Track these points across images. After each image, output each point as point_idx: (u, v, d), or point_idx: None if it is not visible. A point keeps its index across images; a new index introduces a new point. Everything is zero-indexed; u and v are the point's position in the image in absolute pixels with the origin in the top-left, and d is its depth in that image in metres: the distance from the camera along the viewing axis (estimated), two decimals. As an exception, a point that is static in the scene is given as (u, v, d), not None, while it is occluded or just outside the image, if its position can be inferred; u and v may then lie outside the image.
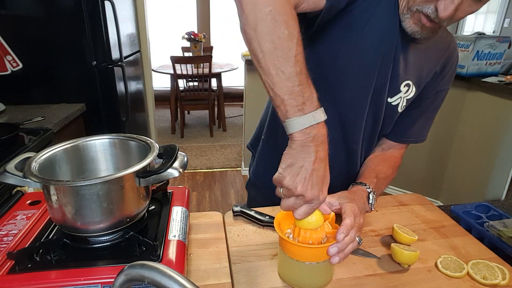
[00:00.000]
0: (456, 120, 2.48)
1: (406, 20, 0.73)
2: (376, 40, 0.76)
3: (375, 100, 0.83)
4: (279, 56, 0.54)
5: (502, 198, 2.22)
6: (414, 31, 0.74)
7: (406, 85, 0.84)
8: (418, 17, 0.71)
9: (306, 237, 0.64)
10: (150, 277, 0.32)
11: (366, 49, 0.77)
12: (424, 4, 0.69)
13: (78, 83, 2.11)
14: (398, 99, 0.85)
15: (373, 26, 0.75)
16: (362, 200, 0.77)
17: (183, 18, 5.23)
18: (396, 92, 0.84)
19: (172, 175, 0.61)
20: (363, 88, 0.81)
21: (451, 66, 0.89)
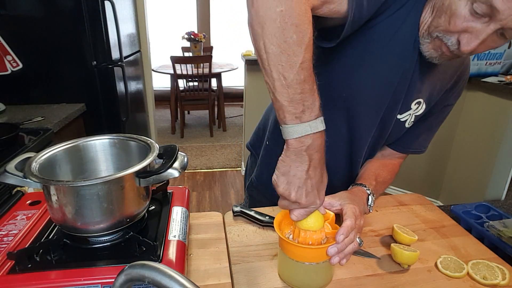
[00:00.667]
0: (456, 120, 2.48)
1: (425, 44, 0.70)
2: (395, 61, 0.73)
3: (385, 117, 0.82)
4: (283, 61, 0.52)
5: (502, 198, 2.22)
6: (432, 57, 0.71)
7: (417, 103, 0.83)
8: (439, 44, 0.68)
9: (306, 238, 0.64)
10: (150, 277, 0.32)
11: (384, 70, 0.74)
12: (446, 33, 0.65)
13: (78, 83, 2.11)
14: (407, 116, 0.84)
15: (394, 47, 0.71)
16: (362, 201, 0.77)
17: (183, 18, 5.23)
18: (407, 110, 0.83)
19: (172, 175, 0.61)
20: (376, 107, 0.79)
21: (462, 82, 0.87)
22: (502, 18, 0.58)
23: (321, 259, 0.64)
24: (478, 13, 0.60)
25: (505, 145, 2.18)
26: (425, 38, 0.70)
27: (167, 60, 3.87)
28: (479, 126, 2.35)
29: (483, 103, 2.30)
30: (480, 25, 0.61)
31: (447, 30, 0.65)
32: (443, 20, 0.65)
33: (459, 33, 0.63)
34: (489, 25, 0.60)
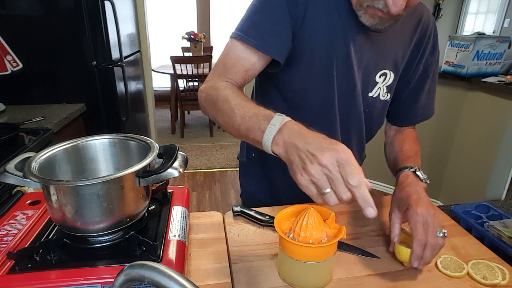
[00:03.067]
0: (456, 120, 2.48)
1: (362, 16, 0.73)
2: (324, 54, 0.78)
3: (348, 104, 0.85)
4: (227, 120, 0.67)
5: (502, 198, 2.22)
6: (374, 24, 0.73)
7: (382, 75, 0.85)
8: (373, 11, 0.70)
9: (306, 237, 0.64)
10: (150, 277, 0.32)
11: (314, 66, 0.79)
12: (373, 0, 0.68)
13: (78, 83, 2.11)
14: (378, 90, 0.86)
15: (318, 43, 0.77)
16: (416, 185, 0.76)
17: (183, 18, 5.23)
18: (374, 85, 0.85)
19: (172, 175, 0.61)
20: (325, 100, 0.83)
21: (429, 37, 0.87)
22: None
23: (321, 258, 0.64)
24: None
25: (505, 145, 2.18)
26: (359, 11, 0.73)
27: (167, 60, 3.87)
28: (479, 126, 2.35)
29: (483, 103, 2.30)
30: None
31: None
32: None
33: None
34: None
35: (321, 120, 0.86)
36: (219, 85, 0.73)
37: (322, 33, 0.77)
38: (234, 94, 0.69)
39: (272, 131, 0.57)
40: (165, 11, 5.20)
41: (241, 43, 0.74)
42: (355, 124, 0.90)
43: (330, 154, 0.50)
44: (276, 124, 0.58)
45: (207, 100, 0.73)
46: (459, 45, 2.30)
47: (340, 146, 0.51)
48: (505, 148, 2.19)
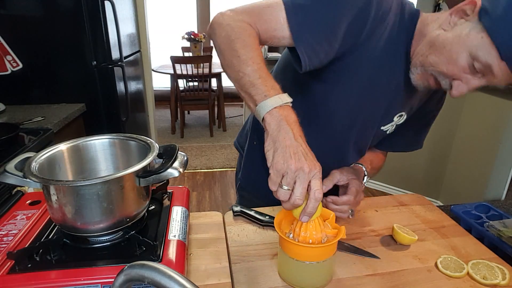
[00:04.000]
0: (456, 120, 2.48)
1: (415, 74, 0.74)
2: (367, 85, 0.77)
3: (363, 131, 0.87)
4: (238, 63, 0.64)
5: (502, 198, 2.22)
6: (418, 85, 0.75)
7: (399, 115, 0.88)
8: (428, 77, 0.72)
9: (306, 237, 0.64)
10: (150, 277, 0.32)
11: (356, 92, 0.78)
12: (440, 74, 0.69)
13: (78, 83, 2.11)
14: (389, 126, 0.89)
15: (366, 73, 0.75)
16: (361, 179, 0.87)
17: (183, 18, 5.23)
18: (389, 122, 0.88)
19: (172, 175, 0.61)
20: (350, 125, 0.85)
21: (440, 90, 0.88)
22: (494, 82, 0.64)
23: (321, 258, 0.64)
24: (475, 69, 0.64)
25: (505, 145, 2.18)
26: (416, 69, 0.73)
27: (167, 60, 3.87)
28: (479, 126, 2.35)
29: (483, 103, 2.30)
30: (473, 78, 0.66)
31: (442, 72, 0.68)
32: (440, 62, 0.68)
33: (453, 79, 0.68)
34: (481, 80, 0.66)
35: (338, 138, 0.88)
36: (247, 27, 0.68)
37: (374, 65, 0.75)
38: (255, 47, 0.66)
39: (275, 103, 0.59)
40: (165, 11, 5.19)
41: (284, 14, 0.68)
42: (360, 146, 0.93)
43: (313, 165, 0.56)
44: (283, 100, 0.60)
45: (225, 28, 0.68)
46: (459, 45, 2.29)
47: (319, 166, 0.57)
48: (505, 148, 2.19)
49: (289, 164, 0.55)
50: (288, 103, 0.61)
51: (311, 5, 0.68)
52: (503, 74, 0.62)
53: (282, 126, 0.58)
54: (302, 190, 0.56)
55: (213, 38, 0.71)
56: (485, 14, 0.62)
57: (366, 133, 0.89)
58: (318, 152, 0.61)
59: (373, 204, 0.98)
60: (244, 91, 0.64)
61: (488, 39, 0.61)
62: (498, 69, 0.61)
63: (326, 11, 0.68)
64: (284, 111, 0.59)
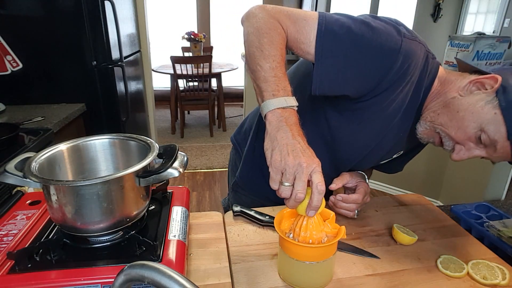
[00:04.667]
0: (456, 120, 2.48)
1: (422, 128, 0.76)
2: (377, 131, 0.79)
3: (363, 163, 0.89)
4: (259, 56, 0.67)
5: (502, 198, 2.22)
6: (422, 139, 0.78)
7: (398, 153, 0.91)
8: (434, 135, 0.75)
9: (306, 237, 0.64)
10: (150, 277, 0.32)
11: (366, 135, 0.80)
12: (446, 136, 0.72)
13: (78, 83, 2.11)
14: (387, 160, 0.92)
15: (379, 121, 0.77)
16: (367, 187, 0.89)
17: (183, 18, 5.23)
18: (388, 158, 0.91)
19: (172, 175, 0.61)
20: (353, 158, 0.87)
21: None
22: (493, 156, 0.68)
23: (321, 258, 0.64)
24: (480, 141, 0.68)
25: (505, 145, 2.18)
26: (425, 123, 0.76)
27: (167, 60, 3.87)
28: (479, 126, 2.34)
29: (483, 103, 2.30)
30: (476, 148, 0.70)
31: (450, 135, 0.71)
32: (449, 125, 0.71)
33: (456, 143, 0.71)
34: (482, 152, 0.69)
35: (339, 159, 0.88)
36: (279, 27, 0.70)
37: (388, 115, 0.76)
38: (280, 46, 0.68)
39: (280, 103, 0.62)
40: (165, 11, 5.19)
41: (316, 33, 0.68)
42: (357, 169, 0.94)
43: (311, 160, 0.57)
44: (288, 103, 0.63)
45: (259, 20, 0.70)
46: (459, 45, 2.29)
47: (318, 160, 0.59)
48: (505, 148, 2.18)
49: (287, 160, 0.56)
50: (293, 107, 0.63)
51: (344, 36, 0.68)
52: (503, 152, 0.66)
53: (281, 126, 0.60)
54: (303, 183, 0.57)
55: (245, 25, 0.73)
56: (503, 92, 0.65)
57: (365, 165, 0.92)
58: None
59: (373, 204, 0.98)
60: (257, 84, 0.67)
61: (500, 116, 0.64)
62: (501, 147, 0.65)
63: (355, 49, 0.68)
64: (286, 113, 0.62)
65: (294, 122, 0.62)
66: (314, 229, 0.64)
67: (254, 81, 0.67)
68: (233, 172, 1.11)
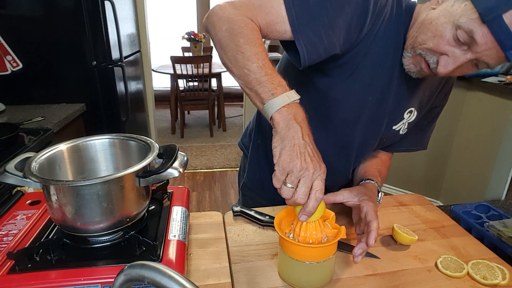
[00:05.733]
0: (456, 120, 2.48)
1: (407, 57, 0.74)
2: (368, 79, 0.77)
3: (369, 130, 0.85)
4: (242, 59, 0.62)
5: (502, 198, 2.22)
6: (410, 71, 0.75)
7: (409, 112, 0.87)
8: (419, 60, 0.72)
9: (306, 237, 0.64)
10: (150, 277, 0.32)
11: (358, 87, 0.78)
12: (428, 51, 0.69)
13: (78, 83, 2.11)
14: (401, 125, 0.88)
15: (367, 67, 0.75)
16: (375, 197, 0.81)
17: (183, 18, 5.23)
18: (400, 120, 0.87)
19: (172, 175, 0.61)
20: (353, 120, 0.83)
21: (449, 84, 0.90)
22: (478, 51, 0.63)
23: (321, 258, 0.64)
24: (460, 40, 0.64)
25: (505, 145, 2.18)
26: (408, 52, 0.74)
27: (167, 60, 3.87)
28: (479, 126, 2.35)
29: (483, 103, 2.30)
30: (459, 52, 0.65)
31: (430, 49, 0.68)
32: (427, 38, 0.68)
33: (440, 55, 0.67)
34: (467, 54, 0.65)
35: (341, 135, 0.87)
36: (248, 21, 0.66)
37: (373, 60, 0.76)
38: (259, 42, 0.64)
39: (283, 101, 0.59)
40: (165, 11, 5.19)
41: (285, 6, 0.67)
42: (365, 147, 0.91)
43: (318, 166, 0.57)
44: (291, 98, 0.60)
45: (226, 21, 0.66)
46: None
47: (324, 167, 0.58)
48: (505, 148, 2.19)
49: (295, 163, 0.56)
50: (296, 101, 0.61)
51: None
52: (486, 42, 0.61)
53: (291, 124, 0.58)
54: (305, 189, 0.56)
55: (212, 31, 0.68)
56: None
57: (373, 133, 0.87)
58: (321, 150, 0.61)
59: (373, 204, 0.98)
60: (249, 89, 0.62)
61: (470, 4, 0.62)
62: (480, 36, 0.61)
63: (326, 7, 0.66)
64: (292, 109, 0.59)
65: (302, 118, 0.60)
66: (314, 229, 0.64)
67: (246, 86, 0.63)
68: (242, 176, 1.12)
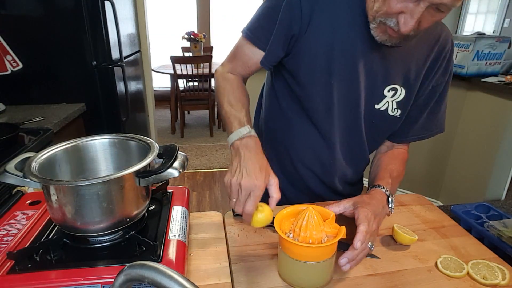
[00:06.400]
0: (456, 120, 2.48)
1: (373, 29, 0.73)
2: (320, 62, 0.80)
3: (350, 113, 0.86)
4: (219, 107, 0.84)
5: (502, 198, 2.22)
6: (383, 40, 0.74)
7: (392, 89, 0.85)
8: (384, 28, 0.71)
9: (306, 237, 0.64)
10: (150, 277, 0.32)
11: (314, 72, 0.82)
12: (386, 16, 0.68)
13: (78, 83, 2.11)
14: (386, 103, 0.86)
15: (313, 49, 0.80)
16: (381, 204, 0.77)
17: (183, 18, 5.23)
18: (381, 98, 0.85)
19: (172, 175, 0.61)
20: (326, 105, 0.85)
21: (444, 58, 0.85)
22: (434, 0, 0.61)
23: (321, 258, 0.64)
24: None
25: (505, 145, 2.18)
26: (372, 24, 0.73)
27: (167, 60, 3.87)
28: (479, 126, 2.35)
29: (483, 103, 2.30)
30: (412, 4, 0.64)
31: (385, 12, 0.67)
32: (380, 3, 0.68)
33: (397, 15, 0.66)
34: (419, 4, 0.63)
35: (322, 123, 0.88)
36: (228, 76, 0.88)
37: (324, 43, 0.78)
38: (232, 90, 0.84)
39: (236, 135, 0.74)
40: (165, 11, 5.19)
41: (248, 43, 0.84)
42: (355, 132, 0.90)
43: (250, 183, 0.66)
44: (242, 133, 0.74)
45: (216, 82, 0.90)
46: (459, 45, 2.29)
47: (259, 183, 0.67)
48: (505, 148, 2.19)
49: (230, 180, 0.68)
50: (246, 134, 0.74)
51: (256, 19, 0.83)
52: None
53: (238, 151, 0.72)
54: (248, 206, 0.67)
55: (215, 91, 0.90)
56: None
57: (354, 113, 0.86)
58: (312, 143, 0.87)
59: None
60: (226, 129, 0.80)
61: None
62: None
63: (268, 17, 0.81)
64: (243, 140, 0.73)
65: (250, 146, 0.72)
66: (314, 229, 0.64)
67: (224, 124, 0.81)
68: None
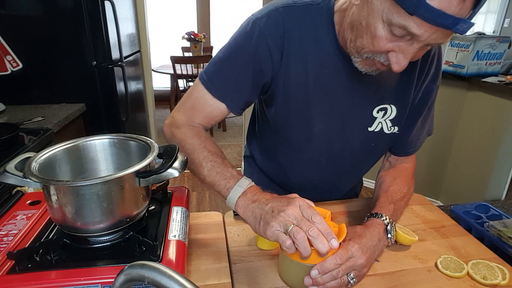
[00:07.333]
0: (456, 120, 2.48)
1: (357, 62, 0.69)
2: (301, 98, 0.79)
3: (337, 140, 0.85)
4: (194, 168, 0.75)
5: (502, 198, 2.22)
6: (370, 71, 0.70)
7: (381, 110, 0.82)
8: (371, 62, 0.67)
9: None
10: (150, 277, 0.32)
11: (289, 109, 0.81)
12: (373, 53, 0.64)
13: (78, 83, 2.11)
14: (378, 124, 0.84)
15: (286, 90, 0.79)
16: (376, 236, 0.71)
17: (183, 18, 5.23)
18: (372, 120, 0.83)
19: (172, 175, 0.61)
20: (307, 137, 0.85)
21: (431, 63, 0.82)
22: (422, 39, 0.58)
23: (321, 260, 0.64)
24: (398, 35, 0.59)
25: (505, 145, 2.18)
26: (355, 57, 0.69)
27: (167, 60, 3.87)
28: (479, 126, 2.35)
29: (483, 103, 2.30)
30: (404, 44, 0.60)
31: (374, 51, 0.63)
32: (366, 41, 0.63)
33: (387, 53, 0.62)
34: (413, 44, 0.60)
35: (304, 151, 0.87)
36: (186, 130, 0.79)
37: (297, 83, 0.77)
38: (202, 145, 0.76)
39: (238, 192, 0.67)
40: (165, 11, 5.19)
41: (206, 89, 0.79)
42: (344, 156, 0.88)
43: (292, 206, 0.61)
44: (243, 186, 0.68)
45: (172, 139, 0.80)
46: (459, 45, 2.30)
47: (296, 197, 0.63)
48: (505, 148, 2.19)
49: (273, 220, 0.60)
50: (248, 186, 0.68)
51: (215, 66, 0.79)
52: (425, 30, 0.56)
53: (249, 207, 0.65)
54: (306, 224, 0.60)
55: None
56: None
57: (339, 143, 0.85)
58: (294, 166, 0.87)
59: (373, 204, 0.98)
60: (211, 188, 0.73)
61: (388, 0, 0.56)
62: (416, 27, 0.56)
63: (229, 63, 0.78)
64: (246, 195, 0.67)
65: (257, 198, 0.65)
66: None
67: (207, 185, 0.73)
68: None
